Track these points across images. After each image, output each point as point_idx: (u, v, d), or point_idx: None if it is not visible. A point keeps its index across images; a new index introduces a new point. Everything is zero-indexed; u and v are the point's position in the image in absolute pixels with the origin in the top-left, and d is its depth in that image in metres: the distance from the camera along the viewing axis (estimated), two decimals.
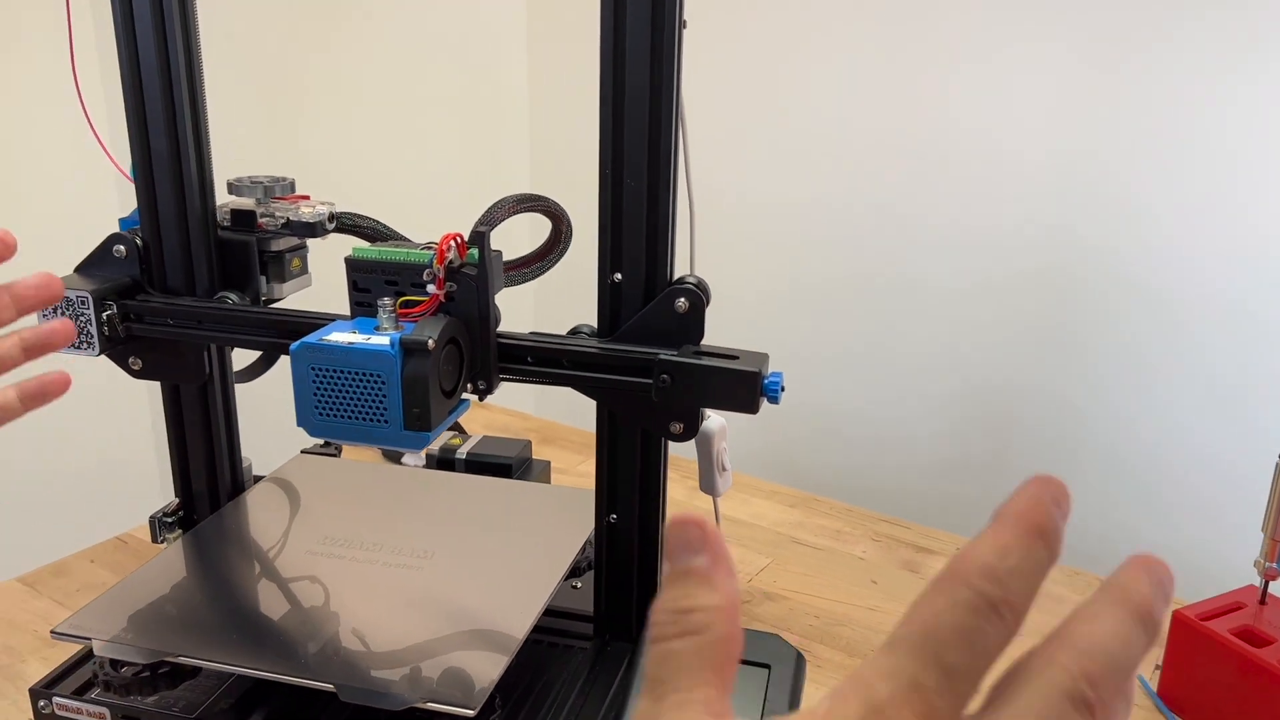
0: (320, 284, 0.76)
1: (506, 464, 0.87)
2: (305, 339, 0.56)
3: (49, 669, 0.73)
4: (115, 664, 0.60)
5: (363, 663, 0.57)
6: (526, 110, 1.45)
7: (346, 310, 0.66)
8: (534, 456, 0.95)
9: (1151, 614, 0.25)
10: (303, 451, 0.85)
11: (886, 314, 1.19)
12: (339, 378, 0.55)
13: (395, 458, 1.02)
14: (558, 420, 1.21)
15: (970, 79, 1.08)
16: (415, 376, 0.55)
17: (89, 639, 0.58)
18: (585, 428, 1.19)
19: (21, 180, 1.04)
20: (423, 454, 0.87)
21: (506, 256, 0.64)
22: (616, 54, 0.57)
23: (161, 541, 0.75)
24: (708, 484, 0.75)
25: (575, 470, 1.08)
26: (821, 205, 1.20)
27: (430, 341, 0.55)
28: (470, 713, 0.53)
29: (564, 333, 0.65)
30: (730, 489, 0.77)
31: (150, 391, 1.22)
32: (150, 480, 1.25)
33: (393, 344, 0.55)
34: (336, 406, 0.56)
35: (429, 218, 0.73)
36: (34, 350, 0.58)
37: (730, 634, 0.27)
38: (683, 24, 0.58)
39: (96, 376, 1.07)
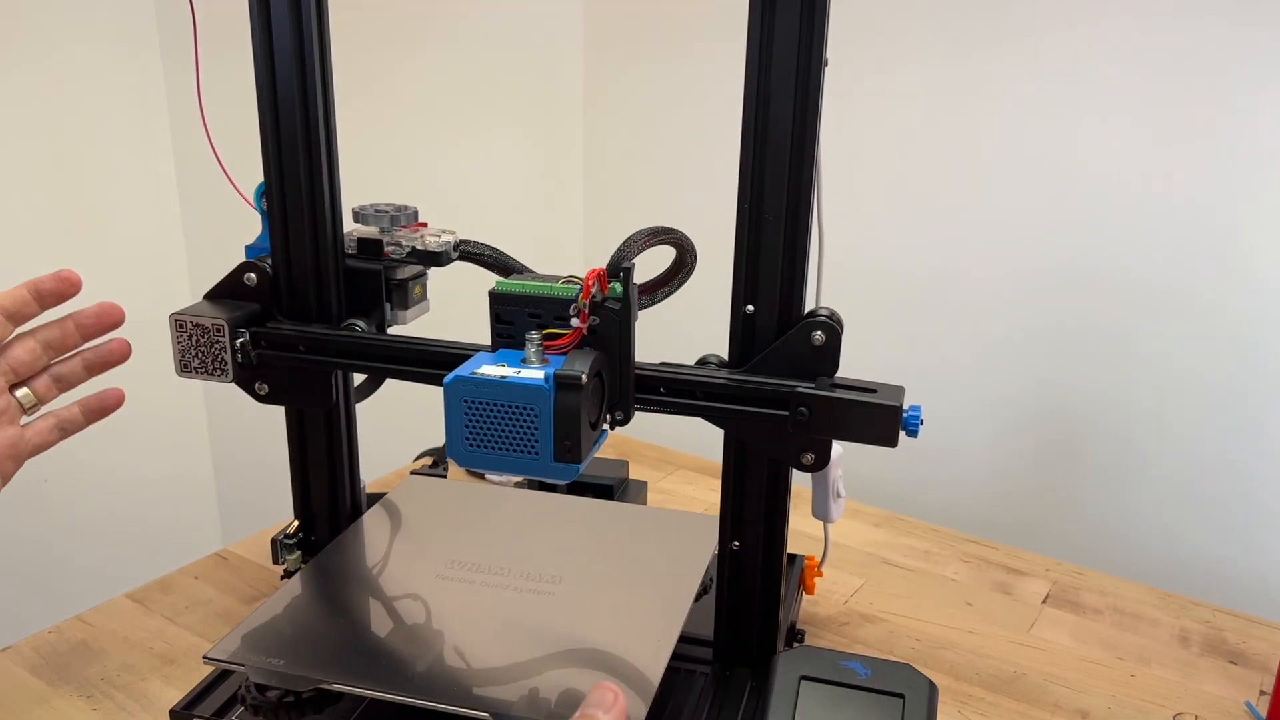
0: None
1: (609, 485, 0.88)
2: (458, 372, 0.57)
3: (170, 687, 0.74)
4: (260, 687, 0.61)
5: (512, 691, 0.58)
6: (580, 128, 1.46)
7: (449, 335, 0.68)
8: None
9: None
10: (412, 473, 0.86)
11: (954, 329, 1.19)
12: (492, 410, 0.56)
13: (480, 474, 1.03)
14: (630, 435, 1.22)
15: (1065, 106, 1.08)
16: (568, 410, 0.56)
17: (241, 665, 0.59)
18: (659, 443, 1.20)
19: (95, 201, 1.05)
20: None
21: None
22: (760, 91, 0.58)
23: (281, 563, 0.77)
24: (821, 510, 0.76)
25: (657, 487, 1.09)
26: (911, 223, 1.20)
27: (583, 376, 0.56)
28: None
29: (692, 362, 0.66)
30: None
31: (209, 411, 1.24)
32: (207, 497, 1.27)
33: (547, 378, 0.56)
34: (487, 438, 0.57)
35: (485, 233, 0.73)
36: (95, 368, 0.66)
37: None
38: (825, 61, 0.58)
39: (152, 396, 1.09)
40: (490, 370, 0.57)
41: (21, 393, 0.61)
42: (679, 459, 1.18)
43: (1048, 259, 1.11)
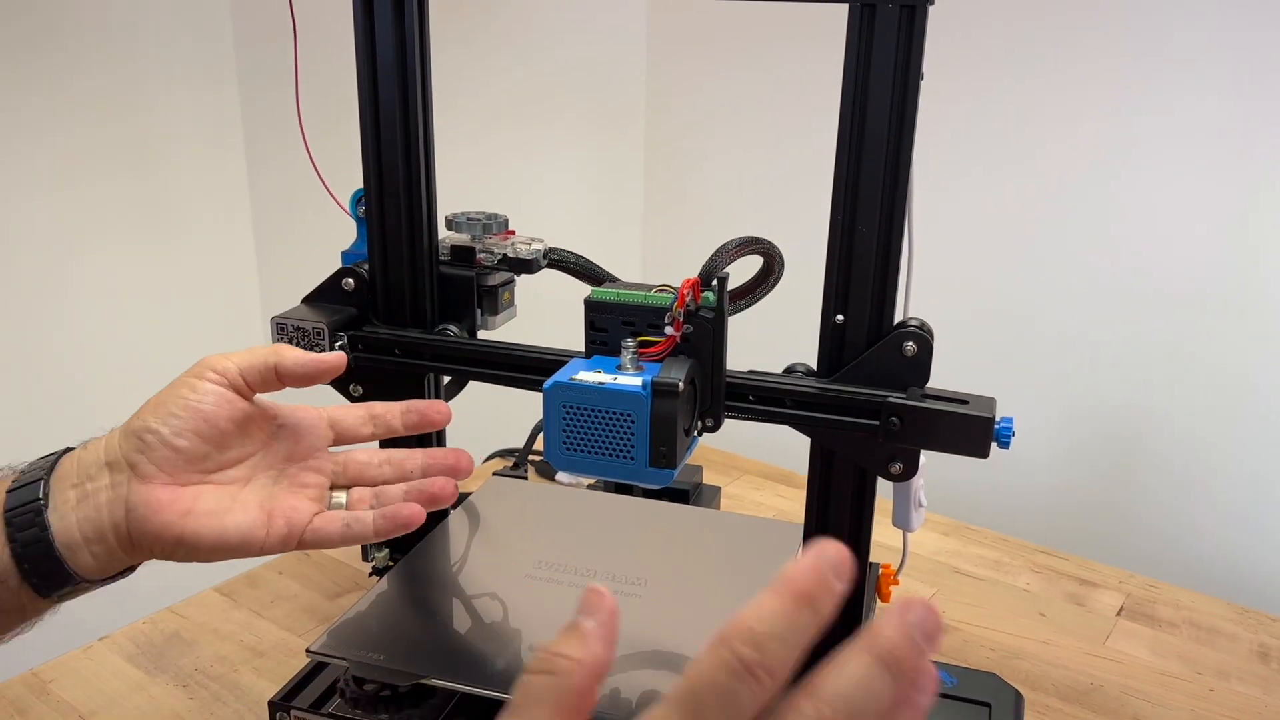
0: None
1: (685, 490, 0.89)
2: (557, 377, 0.58)
3: (262, 679, 0.77)
4: (359, 681, 0.63)
5: (611, 690, 0.59)
6: (642, 136, 1.47)
7: (528, 339, 0.70)
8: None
9: (897, 660, 0.28)
10: (494, 474, 0.88)
11: (1022, 343, 1.19)
12: (590, 416, 0.57)
13: (550, 474, 1.05)
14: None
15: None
16: (664, 416, 0.57)
17: (344, 659, 0.61)
18: (723, 448, 1.21)
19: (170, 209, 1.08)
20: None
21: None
22: (856, 105, 0.59)
23: (370, 560, 0.79)
24: (902, 519, 0.76)
25: (724, 492, 1.10)
26: (981, 237, 1.20)
27: (680, 384, 0.57)
28: None
29: (780, 370, 0.66)
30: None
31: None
32: None
33: (644, 385, 0.57)
34: (585, 443, 0.58)
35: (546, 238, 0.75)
36: (415, 501, 0.58)
37: (583, 687, 0.31)
38: (921, 75, 0.59)
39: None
40: (588, 376, 0.58)
41: (336, 498, 0.58)
42: (744, 464, 1.18)
43: (1118, 272, 1.11)
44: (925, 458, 0.71)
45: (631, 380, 0.58)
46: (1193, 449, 1.10)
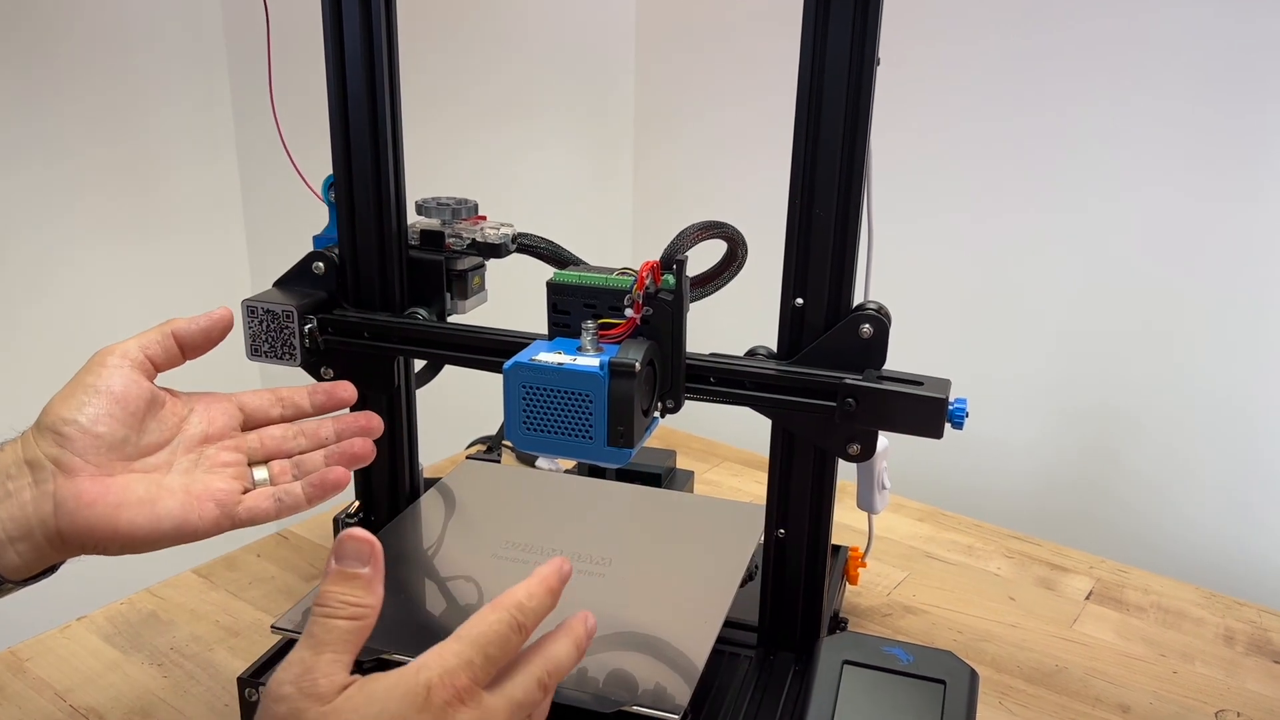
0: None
1: (656, 474, 0.90)
2: (517, 358, 0.59)
3: (235, 657, 0.78)
4: None
5: (579, 670, 0.60)
6: (631, 124, 1.48)
7: (505, 324, 0.70)
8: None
9: (584, 645, 0.50)
10: (468, 458, 0.89)
11: (1000, 334, 1.20)
12: (549, 396, 0.58)
13: (530, 460, 1.06)
14: (675, 427, 1.24)
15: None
16: (622, 397, 0.58)
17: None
18: (704, 435, 1.22)
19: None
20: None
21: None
22: (813, 89, 0.60)
23: None
24: (866, 501, 0.77)
25: (702, 478, 1.11)
26: (962, 224, 1.21)
27: (637, 364, 0.58)
28: (676, 717, 0.56)
29: (742, 353, 0.67)
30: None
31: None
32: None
33: (602, 366, 0.58)
34: (544, 422, 0.59)
35: (536, 226, 0.76)
36: (333, 462, 0.59)
37: (372, 625, 0.46)
38: (877, 61, 0.60)
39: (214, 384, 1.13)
40: (548, 357, 0.59)
41: (258, 473, 0.58)
42: (724, 451, 1.19)
43: (1097, 260, 1.11)
44: (889, 441, 0.73)
45: (590, 361, 0.59)
46: (1167, 436, 1.11)
